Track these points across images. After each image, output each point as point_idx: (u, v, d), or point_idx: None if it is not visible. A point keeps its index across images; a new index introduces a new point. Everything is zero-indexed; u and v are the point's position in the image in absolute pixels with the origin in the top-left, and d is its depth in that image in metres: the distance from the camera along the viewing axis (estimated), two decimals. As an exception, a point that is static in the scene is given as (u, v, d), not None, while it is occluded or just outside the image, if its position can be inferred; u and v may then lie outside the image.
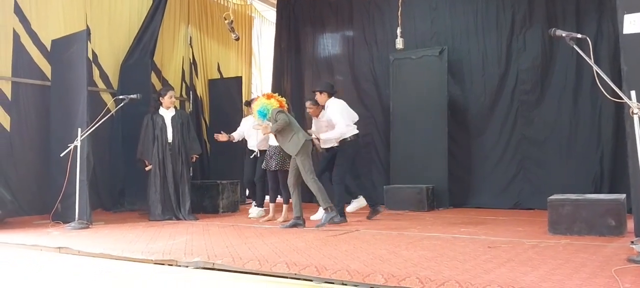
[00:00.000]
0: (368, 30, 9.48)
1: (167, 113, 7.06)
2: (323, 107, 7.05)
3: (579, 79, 7.65)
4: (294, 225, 5.93)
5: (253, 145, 7.68)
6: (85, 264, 4.42)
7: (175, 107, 7.26)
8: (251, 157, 7.56)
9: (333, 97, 6.75)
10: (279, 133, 6.01)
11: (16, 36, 7.12)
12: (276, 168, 6.59)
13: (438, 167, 8.14)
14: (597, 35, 7.43)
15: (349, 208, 7.55)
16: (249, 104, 7.90)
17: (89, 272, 4.26)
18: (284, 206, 6.75)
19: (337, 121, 6.50)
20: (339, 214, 6.20)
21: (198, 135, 8.45)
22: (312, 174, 5.95)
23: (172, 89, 7.60)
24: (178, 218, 6.84)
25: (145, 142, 7.00)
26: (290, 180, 6.06)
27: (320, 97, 6.79)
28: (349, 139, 6.58)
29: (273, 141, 6.73)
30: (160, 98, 7.08)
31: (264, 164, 6.79)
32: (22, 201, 7.01)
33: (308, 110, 7.14)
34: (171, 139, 6.98)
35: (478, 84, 8.37)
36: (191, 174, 7.51)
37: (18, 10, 7.13)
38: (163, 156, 6.93)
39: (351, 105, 9.38)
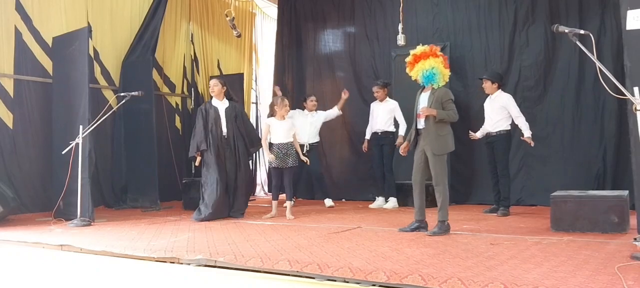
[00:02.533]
0: (369, 26, 9.46)
1: (220, 104, 6.65)
2: (388, 92, 7.86)
3: (582, 75, 7.63)
4: (417, 229, 5.30)
5: (305, 138, 7.87)
6: (87, 262, 4.43)
7: (228, 99, 6.76)
8: (303, 152, 7.69)
9: (501, 89, 6.90)
10: (436, 122, 5.17)
11: (18, 33, 7.13)
12: (293, 164, 6.57)
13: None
14: (600, 31, 7.40)
15: (372, 205, 7.95)
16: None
17: (91, 270, 4.26)
18: (288, 203, 6.72)
19: (518, 113, 6.69)
20: (506, 206, 6.59)
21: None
22: (446, 179, 5.20)
23: (214, 77, 7.24)
24: (228, 217, 6.53)
25: (198, 134, 6.49)
26: (416, 178, 5.29)
27: (490, 86, 6.86)
28: (503, 132, 6.74)
29: (284, 138, 6.64)
30: (210, 89, 6.80)
31: (277, 162, 6.59)
32: (24, 198, 7.03)
33: (375, 94, 7.90)
34: (226, 131, 6.60)
35: (480, 81, 8.33)
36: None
37: (20, 8, 7.14)
38: (217, 149, 6.47)
39: (352, 101, 9.45)
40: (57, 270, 4.37)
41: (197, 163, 6.60)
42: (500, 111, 6.74)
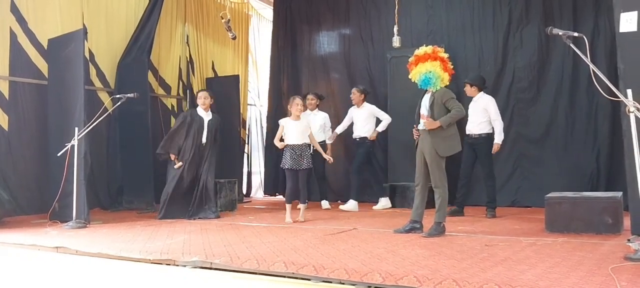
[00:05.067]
0: (364, 28, 9.48)
1: (205, 115, 7.10)
2: (365, 97, 7.82)
3: (576, 77, 7.67)
4: (411, 230, 5.30)
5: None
6: (82, 264, 4.42)
7: (212, 111, 7.25)
8: (311, 151, 7.66)
9: (483, 92, 6.85)
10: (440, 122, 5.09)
11: (13, 35, 7.10)
12: (307, 166, 6.47)
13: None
14: (593, 33, 7.45)
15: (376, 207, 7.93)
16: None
17: (87, 272, 4.26)
18: (301, 205, 6.54)
19: (496, 116, 6.67)
20: (493, 208, 6.63)
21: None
22: (446, 182, 5.19)
23: (204, 90, 7.52)
24: (197, 218, 6.78)
25: (175, 137, 6.99)
26: (419, 180, 5.29)
27: (470, 90, 6.82)
28: (485, 135, 6.70)
29: (299, 139, 6.47)
30: (197, 99, 7.22)
31: (290, 163, 6.39)
32: (20, 200, 7.00)
33: (352, 96, 7.90)
34: (205, 141, 7.01)
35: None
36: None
37: (15, 10, 7.11)
38: (194, 155, 6.93)
39: (346, 103, 9.45)
40: (53, 272, 4.36)
41: (177, 166, 6.94)
42: (482, 113, 6.72)
